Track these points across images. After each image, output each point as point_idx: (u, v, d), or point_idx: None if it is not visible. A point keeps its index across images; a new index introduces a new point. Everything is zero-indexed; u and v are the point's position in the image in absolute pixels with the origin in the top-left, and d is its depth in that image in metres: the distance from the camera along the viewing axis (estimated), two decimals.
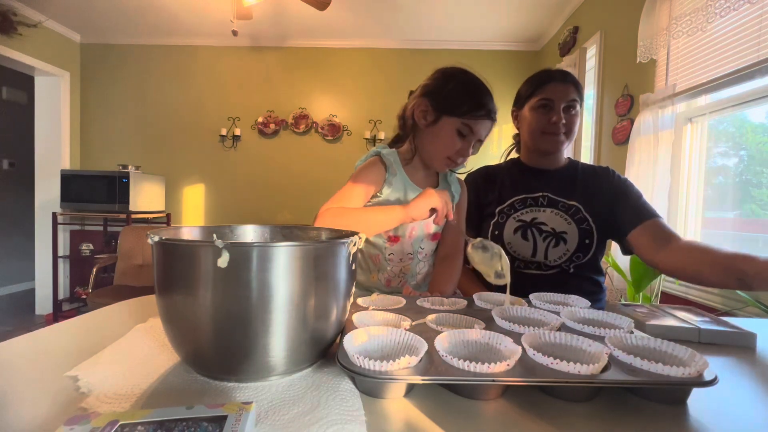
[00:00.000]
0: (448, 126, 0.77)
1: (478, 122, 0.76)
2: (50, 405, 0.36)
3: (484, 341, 0.45)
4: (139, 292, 2.06)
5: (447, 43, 3.20)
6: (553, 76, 0.94)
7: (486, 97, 0.77)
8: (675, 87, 1.62)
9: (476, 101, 0.76)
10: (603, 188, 0.97)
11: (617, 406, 0.39)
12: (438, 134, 0.78)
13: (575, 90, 0.93)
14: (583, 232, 0.93)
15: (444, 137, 0.77)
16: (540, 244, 0.94)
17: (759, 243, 1.40)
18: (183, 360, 0.45)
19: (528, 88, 0.97)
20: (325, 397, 0.38)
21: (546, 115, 0.93)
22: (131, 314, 0.66)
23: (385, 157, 0.82)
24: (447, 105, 0.76)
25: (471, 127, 0.76)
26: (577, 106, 0.93)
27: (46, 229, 3.13)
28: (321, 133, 3.31)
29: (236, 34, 2.43)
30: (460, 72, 0.79)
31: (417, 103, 0.80)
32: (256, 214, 3.34)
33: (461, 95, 0.76)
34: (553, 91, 0.92)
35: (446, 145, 0.77)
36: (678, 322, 0.61)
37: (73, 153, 3.32)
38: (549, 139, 0.94)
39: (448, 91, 0.77)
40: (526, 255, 0.95)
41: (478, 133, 0.77)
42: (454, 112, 0.76)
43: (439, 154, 0.79)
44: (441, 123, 0.77)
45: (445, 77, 0.79)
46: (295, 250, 0.41)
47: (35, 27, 2.85)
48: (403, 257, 0.86)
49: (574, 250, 0.93)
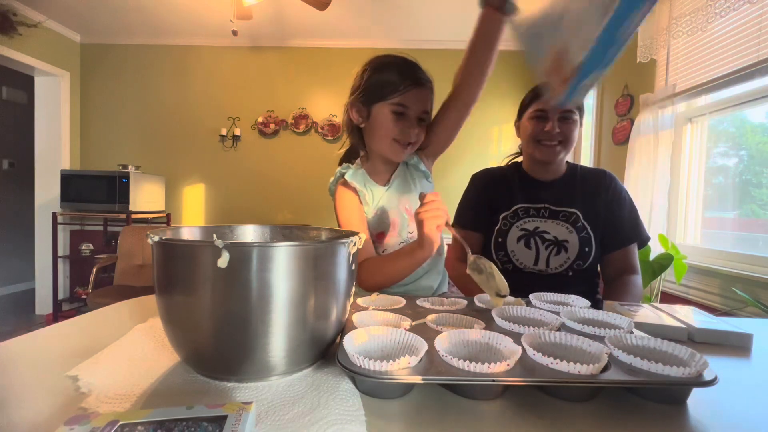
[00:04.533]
0: (380, 113, 0.77)
1: (407, 96, 0.74)
2: (50, 405, 0.36)
3: (484, 341, 0.45)
4: (139, 292, 2.06)
5: (447, 43, 3.20)
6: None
7: (404, 69, 0.76)
8: (675, 87, 1.62)
9: (395, 78, 0.75)
10: (601, 194, 0.99)
11: (617, 406, 0.39)
12: (375, 124, 0.78)
13: None
14: (582, 240, 0.95)
15: (381, 124, 0.77)
16: (542, 252, 0.96)
17: (759, 243, 1.40)
18: (183, 360, 0.45)
19: (526, 98, 1.02)
20: (325, 397, 0.38)
21: (540, 124, 0.96)
22: (131, 314, 0.66)
23: (350, 180, 0.82)
24: (370, 95, 0.77)
25: (403, 104, 0.74)
26: (573, 116, 0.95)
27: (46, 229, 3.13)
28: (321, 133, 3.31)
29: (236, 34, 2.43)
30: (373, 59, 0.80)
31: (350, 106, 0.81)
32: (256, 214, 3.34)
33: (379, 79, 0.76)
34: (548, 101, 0.95)
35: (386, 130, 0.77)
36: (669, 321, 0.60)
37: (73, 153, 3.32)
38: (544, 148, 0.97)
39: (365, 81, 0.78)
40: (528, 263, 0.97)
41: (416, 105, 0.75)
42: (379, 97, 0.76)
43: (385, 142, 0.78)
44: (374, 114, 0.78)
45: (361, 71, 0.80)
46: (295, 250, 0.41)
47: (35, 27, 2.85)
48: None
49: (574, 258, 0.95)
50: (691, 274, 1.55)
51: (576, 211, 0.97)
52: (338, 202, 0.84)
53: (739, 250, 1.42)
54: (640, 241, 0.99)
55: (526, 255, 0.97)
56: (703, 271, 1.50)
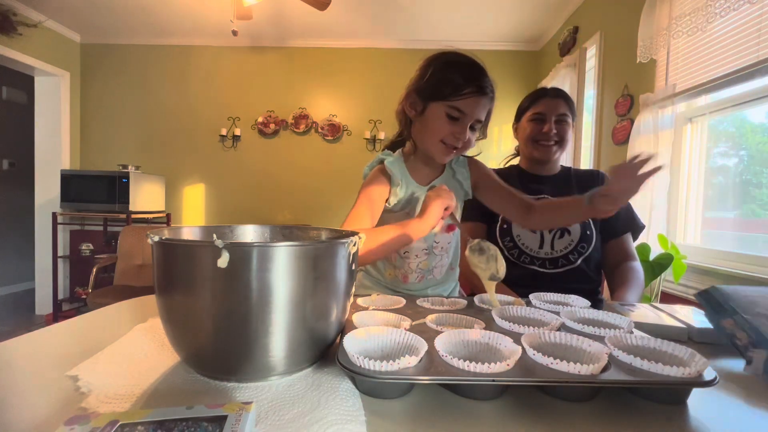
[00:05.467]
0: (435, 111, 0.75)
1: (466, 101, 0.72)
2: (50, 405, 0.36)
3: (484, 341, 0.45)
4: (139, 292, 2.06)
5: (447, 43, 3.17)
6: (546, 93, 1.08)
7: (471, 74, 0.73)
8: (675, 87, 1.62)
9: (459, 81, 0.72)
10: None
11: (617, 406, 0.39)
12: (427, 122, 0.76)
13: (565, 104, 1.05)
14: (583, 224, 1.03)
15: (433, 123, 0.75)
16: (546, 235, 1.02)
17: (759, 243, 1.40)
18: (183, 360, 0.45)
19: (524, 103, 1.11)
20: (325, 397, 0.38)
21: (539, 125, 1.05)
22: (131, 314, 0.66)
23: (389, 167, 0.81)
24: (430, 91, 0.75)
25: (459, 108, 0.72)
26: (567, 119, 1.05)
27: (46, 229, 3.13)
28: (321, 133, 3.30)
29: (236, 34, 2.43)
30: (440, 54, 0.77)
31: (406, 97, 0.79)
32: (256, 214, 3.34)
33: (442, 78, 0.74)
34: (545, 105, 1.05)
35: (436, 130, 0.75)
36: (669, 321, 0.60)
37: (73, 153, 3.32)
38: (541, 147, 1.06)
39: (429, 76, 0.75)
40: (534, 247, 1.02)
41: (471, 113, 0.73)
42: (438, 96, 0.74)
43: (432, 141, 0.76)
44: (429, 110, 0.76)
45: (426, 64, 0.78)
46: (295, 250, 0.41)
47: (35, 27, 2.85)
48: (419, 253, 0.85)
49: (578, 240, 1.01)
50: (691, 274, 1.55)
51: None
52: (366, 181, 0.82)
53: (739, 250, 1.42)
54: (635, 229, 1.09)
55: (531, 239, 1.02)
56: (703, 271, 1.50)
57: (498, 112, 0.80)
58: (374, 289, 0.87)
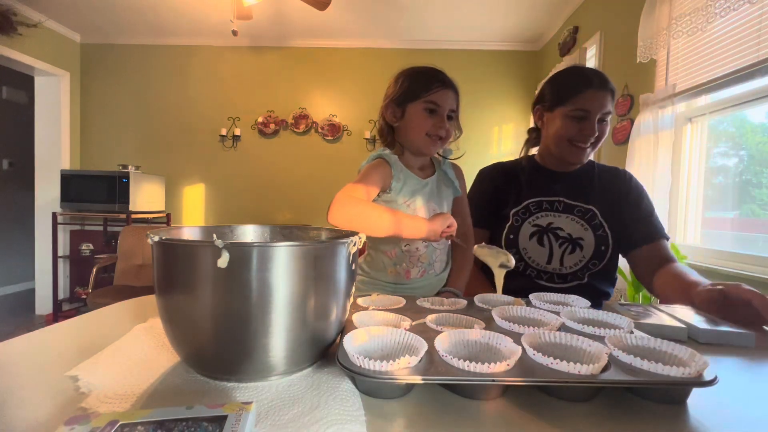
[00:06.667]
0: (414, 111, 0.85)
1: (438, 94, 0.83)
2: (50, 405, 0.36)
3: (484, 341, 0.45)
4: (139, 292, 2.06)
5: (447, 43, 3.20)
6: (591, 82, 0.87)
7: (434, 74, 0.85)
8: (675, 87, 1.62)
9: (426, 80, 0.84)
10: (621, 191, 0.96)
11: (617, 406, 0.39)
12: (410, 122, 0.86)
13: (611, 99, 0.88)
14: (599, 238, 0.92)
15: (415, 121, 0.85)
16: (556, 250, 0.92)
17: (759, 243, 1.40)
18: (183, 360, 0.45)
19: (563, 91, 0.90)
20: (325, 397, 0.38)
21: (578, 124, 0.88)
22: (131, 314, 0.66)
23: (388, 157, 0.87)
24: (405, 96, 0.85)
25: (434, 101, 0.83)
26: (608, 117, 0.89)
27: (46, 229, 3.13)
28: (321, 133, 3.31)
29: (236, 34, 2.43)
30: (406, 68, 0.90)
31: (384, 110, 0.89)
32: (256, 214, 3.34)
33: (413, 82, 0.85)
34: (591, 101, 0.86)
35: (420, 126, 0.84)
36: (669, 321, 0.60)
37: (73, 153, 3.32)
38: (576, 149, 0.90)
39: (401, 86, 0.87)
40: (541, 262, 0.93)
41: (444, 103, 0.84)
42: (413, 97, 0.84)
43: (418, 136, 0.85)
44: (408, 112, 0.86)
45: (396, 78, 0.89)
46: (295, 250, 0.41)
47: (35, 27, 2.85)
48: (419, 246, 0.88)
49: (590, 257, 0.92)
50: None
51: (593, 207, 0.93)
52: (366, 166, 0.86)
53: (739, 250, 1.42)
54: (665, 235, 0.94)
55: (538, 252, 0.93)
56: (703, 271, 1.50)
57: (498, 112, 0.81)
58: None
